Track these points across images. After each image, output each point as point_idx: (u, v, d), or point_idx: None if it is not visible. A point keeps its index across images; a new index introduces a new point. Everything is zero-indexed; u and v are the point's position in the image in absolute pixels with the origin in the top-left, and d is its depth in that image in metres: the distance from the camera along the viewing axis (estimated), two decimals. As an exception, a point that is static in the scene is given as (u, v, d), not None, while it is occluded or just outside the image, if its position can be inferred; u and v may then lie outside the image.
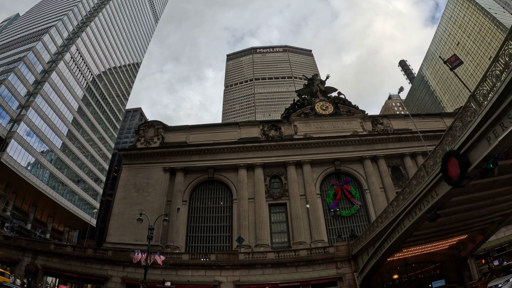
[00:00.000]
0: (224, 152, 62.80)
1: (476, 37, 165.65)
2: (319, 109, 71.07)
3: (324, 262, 43.40)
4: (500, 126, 16.94)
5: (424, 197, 24.84)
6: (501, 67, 17.14)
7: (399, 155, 67.97)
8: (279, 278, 41.74)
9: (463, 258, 45.74)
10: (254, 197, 59.10)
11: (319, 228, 56.86)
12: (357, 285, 41.02)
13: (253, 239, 55.20)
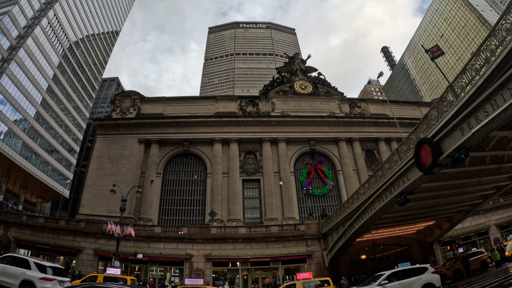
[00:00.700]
0: (200, 126, 62.40)
1: (461, 31, 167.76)
2: (298, 88, 71.15)
3: (294, 239, 44.13)
4: (475, 119, 17.45)
5: (395, 181, 25.43)
6: (481, 62, 17.51)
7: (374, 139, 69.20)
8: (250, 253, 42.37)
9: (429, 243, 47.17)
10: (228, 172, 59.19)
11: (291, 205, 57.65)
12: (326, 263, 42.01)
13: (225, 213, 55.56)
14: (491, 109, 16.50)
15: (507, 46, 15.46)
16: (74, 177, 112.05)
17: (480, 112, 17.14)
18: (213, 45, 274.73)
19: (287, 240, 44.01)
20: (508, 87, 15.47)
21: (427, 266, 26.01)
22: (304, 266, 43.13)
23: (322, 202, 61.97)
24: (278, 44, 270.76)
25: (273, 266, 43.29)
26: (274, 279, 42.31)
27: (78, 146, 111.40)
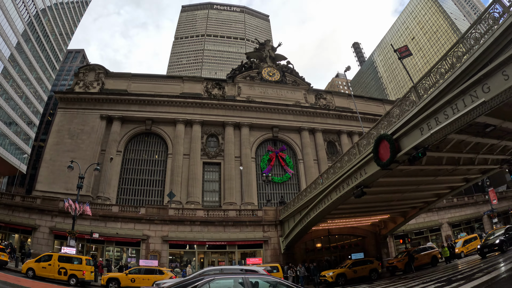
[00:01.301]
0: (164, 105, 61.31)
1: (432, 36, 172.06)
2: (266, 74, 71.15)
3: (251, 224, 44.50)
4: (435, 120, 18.00)
5: (353, 174, 25.98)
6: (447, 67, 18.16)
7: (336, 131, 70.34)
8: (207, 236, 42.39)
9: (383, 236, 48.44)
10: (190, 154, 58.69)
11: (250, 191, 58.00)
12: (282, 249, 42.57)
13: (184, 195, 55.16)
14: (452, 113, 17.04)
15: (474, 54, 16.10)
16: (32, 151, 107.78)
17: (440, 114, 17.68)
18: (184, 24, 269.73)
19: (244, 225, 44.33)
20: (471, 93, 15.99)
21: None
22: (260, 251, 43.58)
23: (281, 190, 62.62)
24: (250, 29, 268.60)
25: (230, 250, 43.45)
26: (230, 263, 42.40)
27: (38, 119, 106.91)
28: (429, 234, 59.74)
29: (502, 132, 24.60)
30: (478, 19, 16.72)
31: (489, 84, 15.24)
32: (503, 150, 29.98)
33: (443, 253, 40.76)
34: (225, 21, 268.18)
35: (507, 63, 14.36)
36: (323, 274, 34.97)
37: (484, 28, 16.24)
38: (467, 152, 26.25)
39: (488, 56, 15.86)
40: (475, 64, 16.35)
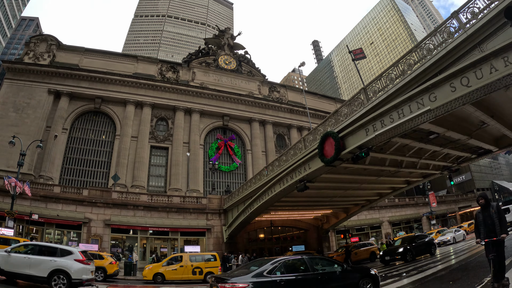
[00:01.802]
0: (116, 84, 58.81)
1: (390, 43, 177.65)
2: (222, 62, 70.34)
3: (195, 211, 44.06)
4: (380, 123, 18.49)
5: (298, 168, 26.25)
6: (397, 73, 18.71)
7: (287, 125, 70.85)
8: (150, 222, 41.62)
9: (325, 230, 49.51)
10: (138, 136, 56.94)
11: (196, 178, 57.33)
12: (224, 238, 42.62)
13: (130, 179, 53.51)
14: (397, 117, 17.57)
15: (425, 64, 16.72)
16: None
17: (386, 117, 18.19)
18: (146, 2, 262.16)
19: (188, 212, 43.84)
20: (417, 100, 16.55)
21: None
22: (203, 239, 43.27)
23: (228, 179, 62.39)
24: (212, 15, 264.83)
25: (173, 236, 42.91)
26: (172, 250, 41.85)
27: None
28: (370, 230, 61.53)
29: (445, 140, 25.41)
30: (433, 31, 17.31)
31: (436, 93, 15.82)
32: (444, 157, 31.02)
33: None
34: (187, 4, 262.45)
35: (456, 76, 14.94)
36: (265, 265, 35.11)
37: (439, 40, 16.74)
38: (410, 156, 26.99)
39: (438, 67, 16.42)
40: (425, 73, 16.91)
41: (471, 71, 14.49)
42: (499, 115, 22.51)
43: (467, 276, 15.37)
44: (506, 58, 13.34)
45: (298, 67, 48.16)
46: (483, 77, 14.11)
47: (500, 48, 13.43)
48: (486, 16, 14.39)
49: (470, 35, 14.94)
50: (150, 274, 27.99)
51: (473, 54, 15.12)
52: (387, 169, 28.76)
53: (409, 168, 30.27)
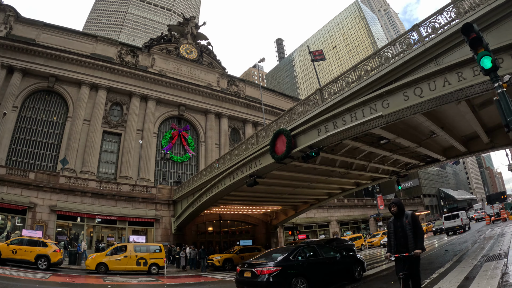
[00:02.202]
0: (72, 64, 55.49)
1: (352, 49, 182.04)
2: (183, 51, 69.05)
3: (144, 201, 43.01)
4: (333, 124, 18.84)
5: (249, 163, 26.30)
6: (354, 77, 19.03)
7: (242, 119, 70.63)
8: (97, 209, 39.95)
9: (274, 226, 49.89)
10: (91, 120, 54.38)
11: (148, 167, 55.99)
12: (173, 229, 42.01)
13: (79, 164, 51.09)
14: (350, 120, 17.94)
15: (381, 71, 17.14)
16: None
17: (339, 119, 18.55)
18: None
19: (137, 201, 42.68)
20: (371, 105, 16.96)
21: None
22: (151, 230, 42.39)
23: (180, 169, 61.37)
24: (179, 1, 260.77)
25: (120, 226, 41.50)
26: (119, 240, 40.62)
27: None
28: (318, 229, 62.50)
29: (395, 146, 25.99)
30: (393, 41, 17.73)
31: (390, 101, 16.25)
32: (394, 162, 31.74)
33: None
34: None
35: (410, 86, 15.43)
36: (211, 258, 35.17)
37: (398, 50, 17.17)
38: (360, 159, 27.53)
39: (394, 76, 16.82)
40: (381, 80, 17.28)
41: (425, 82, 14.97)
42: (449, 127, 23.24)
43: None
44: (460, 73, 13.87)
45: (258, 62, 47.91)
46: (436, 89, 14.59)
47: (455, 63, 13.96)
48: (445, 32, 14.81)
49: (428, 48, 15.36)
50: (93, 264, 27.06)
51: (429, 67, 15.55)
52: (337, 170, 29.21)
53: (359, 170, 30.84)
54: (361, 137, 22.16)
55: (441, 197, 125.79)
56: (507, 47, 12.65)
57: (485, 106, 20.76)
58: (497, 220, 56.58)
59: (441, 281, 13.10)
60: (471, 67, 13.53)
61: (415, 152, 28.54)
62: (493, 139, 26.56)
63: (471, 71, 13.58)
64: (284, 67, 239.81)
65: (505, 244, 20.94)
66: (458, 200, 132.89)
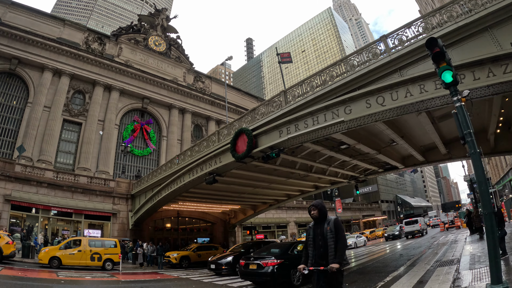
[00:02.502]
0: (37, 46, 52.81)
1: (321, 55, 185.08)
2: (152, 43, 67.82)
3: (102, 194, 41.72)
4: (295, 127, 18.99)
5: (209, 160, 26.18)
6: (319, 82, 19.32)
7: (206, 116, 69.98)
8: (53, 201, 38.16)
9: (232, 225, 50.19)
10: (51, 107, 51.99)
11: (107, 159, 54.48)
12: (130, 224, 41.05)
13: (37, 152, 48.75)
14: (312, 123, 18.18)
15: (345, 78, 17.56)
16: None
17: (301, 122, 18.76)
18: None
19: (94, 194, 41.29)
20: (333, 110, 17.26)
21: None
22: (108, 224, 41.30)
23: (140, 163, 60.12)
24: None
25: (76, 219, 39.86)
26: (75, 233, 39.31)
27: None
28: (277, 229, 62.92)
29: (355, 152, 26.41)
30: (360, 49, 18.10)
31: (352, 107, 16.58)
32: (353, 167, 32.26)
33: None
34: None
35: (373, 94, 15.82)
36: (168, 255, 34.75)
37: (364, 58, 17.56)
38: (320, 162, 27.89)
39: (358, 84, 17.10)
40: (345, 86, 17.56)
41: (388, 92, 15.35)
42: (408, 137, 23.81)
43: (363, 279, 15.95)
44: (423, 86, 14.31)
45: (225, 60, 47.57)
46: (398, 99, 14.99)
47: (418, 76, 14.41)
48: (411, 45, 15.20)
49: (394, 59, 15.72)
50: (46, 258, 26.13)
51: (393, 77, 15.88)
52: (297, 172, 29.46)
53: (318, 173, 31.22)
54: (322, 141, 22.42)
55: (398, 203, 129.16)
56: (469, 65, 13.13)
57: (445, 118, 21.43)
58: (451, 227, 58.58)
59: (395, 284, 13.37)
60: (434, 81, 13.95)
61: (375, 158, 29.05)
62: (450, 150, 27.50)
63: (433, 84, 14.00)
64: (252, 67, 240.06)
65: (458, 251, 21.63)
66: (414, 207, 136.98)
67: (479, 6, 13.75)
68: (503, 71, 12.65)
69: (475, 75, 13.10)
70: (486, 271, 11.87)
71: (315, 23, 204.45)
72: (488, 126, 22.71)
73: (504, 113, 22.55)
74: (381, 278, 15.10)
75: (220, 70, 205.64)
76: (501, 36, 13.38)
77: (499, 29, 13.48)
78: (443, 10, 14.95)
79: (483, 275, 11.43)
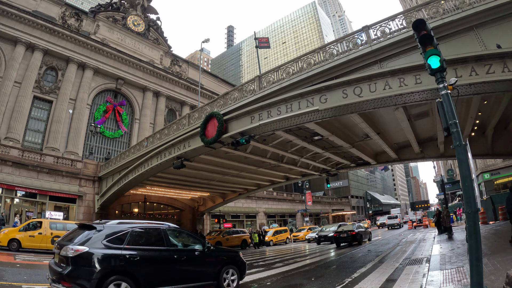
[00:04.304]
0: (11, 19, 50.07)
1: (301, 48, 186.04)
2: (131, 23, 66.05)
3: (68, 175, 40.37)
4: (267, 113, 18.57)
5: (178, 144, 25.47)
6: (296, 69, 18.88)
7: (181, 101, 68.75)
8: (17, 180, 36.68)
9: (201, 213, 50.11)
10: (22, 83, 49.60)
11: (77, 139, 52.54)
12: (96, 208, 40.05)
13: (4, 129, 46.55)
14: (285, 111, 17.65)
15: (323, 66, 17.26)
16: None
17: (274, 109, 18.28)
18: None
19: (60, 175, 39.92)
20: (308, 99, 16.68)
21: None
22: (73, 207, 40.05)
23: (111, 145, 58.48)
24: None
25: (41, 200, 38.46)
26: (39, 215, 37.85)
27: None
28: (245, 219, 62.72)
29: (328, 144, 26.07)
30: (341, 38, 17.70)
31: (328, 96, 16.06)
32: (325, 160, 32.05)
33: (254, 238, 43.44)
34: None
35: (350, 84, 15.36)
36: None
37: (344, 48, 17.23)
38: (292, 153, 27.65)
39: (336, 73, 16.88)
40: (322, 75, 17.25)
41: (366, 83, 14.92)
42: (383, 133, 23.69)
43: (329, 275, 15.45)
44: (402, 79, 13.97)
45: (202, 42, 46.54)
46: (376, 91, 14.60)
47: (398, 69, 14.08)
48: (394, 37, 15.01)
49: (375, 50, 15.49)
50: (5, 240, 25.17)
51: (372, 69, 15.63)
52: (268, 161, 29.18)
53: (289, 164, 30.93)
54: (295, 130, 22.03)
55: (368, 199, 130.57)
56: (453, 61, 12.88)
57: (420, 117, 21.40)
58: (419, 226, 59.23)
59: (362, 281, 12.94)
60: (414, 75, 13.69)
61: (347, 152, 28.83)
62: (423, 150, 27.68)
63: (413, 79, 13.73)
64: (231, 55, 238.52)
65: (427, 250, 21.37)
66: (383, 204, 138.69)
67: (466, 4, 13.65)
68: (486, 71, 12.51)
69: (458, 72, 12.87)
70: (458, 272, 11.56)
71: (298, 16, 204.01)
72: (463, 128, 22.59)
73: (481, 116, 22.50)
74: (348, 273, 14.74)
75: (198, 56, 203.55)
76: (486, 37, 13.35)
77: (485, 30, 13.46)
78: (429, 5, 14.71)
79: (454, 277, 11.00)
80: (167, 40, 72.14)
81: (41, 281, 13.46)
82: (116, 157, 39.44)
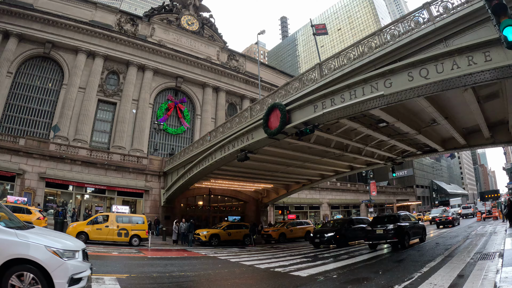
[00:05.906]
0: (70, 30, 53.35)
1: (357, 33, 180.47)
2: (185, 22, 67.30)
3: (135, 171, 42.49)
4: (331, 101, 18.08)
5: (241, 137, 25.57)
6: (357, 53, 18.18)
7: (241, 95, 69.42)
8: (87, 178, 39.26)
9: (264, 204, 50.04)
10: (86, 88, 52.74)
11: (141, 137, 55.05)
12: (162, 201, 41.56)
13: (73, 132, 49.76)
14: (349, 98, 17.12)
15: (386, 48, 16.46)
16: None
17: (337, 96, 17.75)
18: None
19: (127, 171, 42.13)
20: (372, 84, 16.08)
21: None
22: (140, 201, 42.12)
23: (174, 141, 60.46)
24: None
25: (109, 195, 41.09)
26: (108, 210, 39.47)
27: None
28: (309, 210, 62.41)
29: (393, 131, 25.31)
30: (401, 18, 16.83)
31: (392, 80, 15.36)
32: (390, 148, 31.14)
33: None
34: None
35: (415, 66, 14.55)
36: (198, 233, 34.70)
37: (405, 28, 16.30)
38: (357, 141, 27.03)
39: (399, 55, 16.09)
40: (385, 58, 16.52)
41: (432, 63, 14.12)
42: (451, 117, 22.59)
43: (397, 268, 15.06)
44: (471, 57, 13.04)
45: (258, 34, 46.47)
46: (444, 71, 13.75)
47: (466, 46, 13.12)
48: (458, 12, 13.98)
49: (438, 27, 14.57)
50: (73, 233, 26.11)
51: (437, 48, 14.78)
52: (332, 151, 28.68)
53: (354, 153, 30.30)
54: (360, 117, 21.49)
55: (434, 189, 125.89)
56: None
57: (491, 99, 20.08)
58: (488, 217, 56.18)
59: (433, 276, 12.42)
60: (483, 52, 12.71)
61: (414, 139, 27.87)
62: (494, 134, 25.98)
63: (482, 56, 12.75)
64: (287, 45, 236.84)
65: (498, 243, 20.10)
66: (450, 194, 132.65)
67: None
68: None
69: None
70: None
71: (351, 0, 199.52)
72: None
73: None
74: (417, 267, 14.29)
75: (254, 49, 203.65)
76: None
77: None
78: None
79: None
80: (222, 36, 72.82)
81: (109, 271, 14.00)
82: (179, 152, 40.44)
